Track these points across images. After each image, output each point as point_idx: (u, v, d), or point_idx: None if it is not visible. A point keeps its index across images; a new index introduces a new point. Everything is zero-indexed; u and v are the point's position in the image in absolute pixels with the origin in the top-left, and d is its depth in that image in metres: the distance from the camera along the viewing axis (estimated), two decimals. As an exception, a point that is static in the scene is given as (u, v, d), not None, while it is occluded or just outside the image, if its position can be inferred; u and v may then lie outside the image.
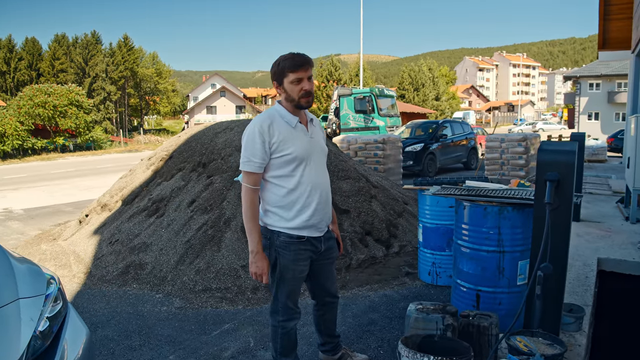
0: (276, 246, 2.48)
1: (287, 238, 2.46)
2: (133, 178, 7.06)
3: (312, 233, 2.51)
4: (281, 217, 2.46)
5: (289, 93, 2.43)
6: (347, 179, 5.56)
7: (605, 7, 12.32)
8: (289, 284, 2.52)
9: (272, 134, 2.38)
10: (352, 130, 18.31)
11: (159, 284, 4.81)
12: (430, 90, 54.02)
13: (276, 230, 2.47)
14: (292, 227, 2.45)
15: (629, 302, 4.67)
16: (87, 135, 32.94)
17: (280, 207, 2.46)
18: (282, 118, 2.45)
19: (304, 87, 2.40)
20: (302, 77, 2.39)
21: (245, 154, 2.41)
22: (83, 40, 59.67)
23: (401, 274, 4.70)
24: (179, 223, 5.49)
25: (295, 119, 2.46)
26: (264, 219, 2.51)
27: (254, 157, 2.38)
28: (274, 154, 2.40)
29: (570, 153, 2.43)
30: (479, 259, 3.07)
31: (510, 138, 10.93)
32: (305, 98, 2.42)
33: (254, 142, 2.38)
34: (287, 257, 2.47)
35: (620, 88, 35.75)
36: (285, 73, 2.40)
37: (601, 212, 6.68)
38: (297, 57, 2.41)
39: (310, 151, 2.47)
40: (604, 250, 4.88)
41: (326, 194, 2.57)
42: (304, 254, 2.51)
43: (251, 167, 2.39)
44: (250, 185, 2.42)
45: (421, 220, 4.40)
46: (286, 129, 2.43)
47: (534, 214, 2.57)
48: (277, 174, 2.44)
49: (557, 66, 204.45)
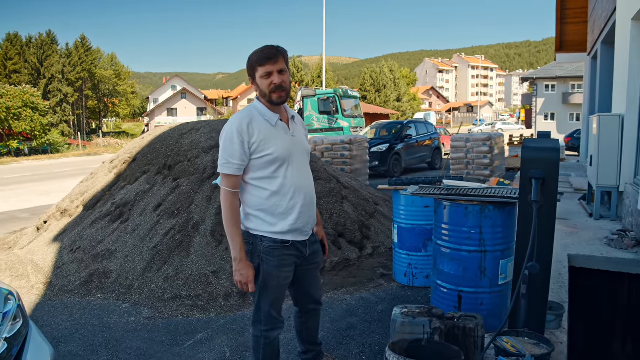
0: (259, 252, 2.33)
1: (271, 243, 2.32)
2: (95, 182, 6.77)
3: (297, 237, 2.38)
4: (264, 221, 2.32)
5: (261, 88, 2.29)
6: (317, 180, 5.46)
7: (562, 11, 12.70)
8: (273, 291, 2.37)
9: (252, 133, 2.24)
10: (316, 131, 18.23)
11: (125, 292, 4.60)
12: (391, 91, 54.61)
13: (259, 235, 2.33)
14: (276, 231, 2.31)
15: (598, 297, 4.76)
16: (43, 138, 31.74)
17: (262, 211, 2.32)
18: (262, 116, 2.31)
19: (274, 81, 2.25)
20: (271, 70, 2.25)
21: (223, 155, 2.26)
22: (38, 40, 57.77)
23: (376, 275, 4.63)
24: (145, 228, 5.28)
25: (275, 116, 2.32)
26: (246, 223, 2.36)
27: (232, 158, 2.24)
28: (253, 154, 2.26)
29: (554, 150, 2.41)
30: (460, 260, 3.02)
31: (475, 138, 11.07)
32: (276, 93, 2.28)
33: (232, 142, 2.23)
34: (271, 263, 2.33)
35: (574, 89, 37.01)
36: (255, 67, 2.27)
37: (566, 209, 6.80)
38: (266, 49, 2.27)
39: (292, 151, 2.33)
40: (573, 247, 4.95)
41: (310, 195, 2.44)
42: (289, 259, 2.37)
43: (230, 169, 2.25)
44: (230, 189, 2.27)
45: (396, 220, 4.34)
46: (266, 127, 2.29)
47: (519, 213, 2.54)
48: (258, 176, 2.30)
49: (513, 68, 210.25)
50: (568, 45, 14.18)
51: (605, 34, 8.40)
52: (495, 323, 2.98)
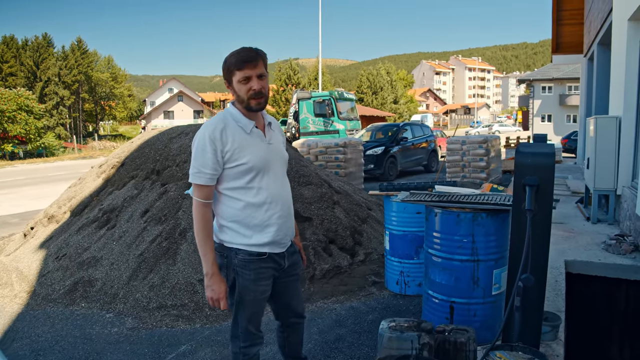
0: (234, 265, 2.20)
1: (246, 256, 2.19)
2: (83, 187, 6.63)
3: (274, 249, 2.25)
4: (238, 232, 2.20)
5: (238, 93, 2.15)
6: (308, 184, 5.33)
7: (558, 12, 12.64)
8: (250, 306, 2.25)
9: (225, 142, 2.12)
10: (312, 134, 18.10)
11: (110, 302, 4.47)
12: (388, 93, 54.53)
13: (234, 248, 2.20)
14: (251, 243, 2.20)
15: (596, 304, 4.64)
16: (38, 141, 31.55)
17: (236, 222, 2.20)
18: (236, 122, 2.18)
19: (253, 87, 2.12)
20: (250, 75, 2.11)
21: (195, 164, 2.13)
22: (34, 42, 57.65)
23: (368, 283, 4.50)
24: (132, 235, 5.15)
25: (250, 123, 2.19)
26: (219, 235, 2.23)
27: (204, 167, 2.11)
28: (227, 163, 2.14)
29: (549, 155, 2.29)
30: (452, 269, 2.90)
31: (471, 140, 10.96)
32: (255, 99, 2.14)
33: (204, 151, 2.11)
34: (247, 277, 2.20)
35: (570, 91, 36.98)
36: (232, 71, 2.13)
37: (563, 212, 6.70)
38: (244, 52, 2.13)
39: (268, 159, 2.21)
40: (570, 252, 4.84)
41: (288, 206, 2.34)
42: (266, 272, 2.25)
43: (202, 180, 2.12)
44: (202, 199, 2.14)
45: (388, 227, 4.21)
46: (241, 135, 2.16)
47: (512, 221, 2.42)
48: (232, 186, 2.18)
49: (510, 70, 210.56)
50: (564, 46, 14.10)
51: (601, 35, 8.31)
52: (489, 335, 2.86)
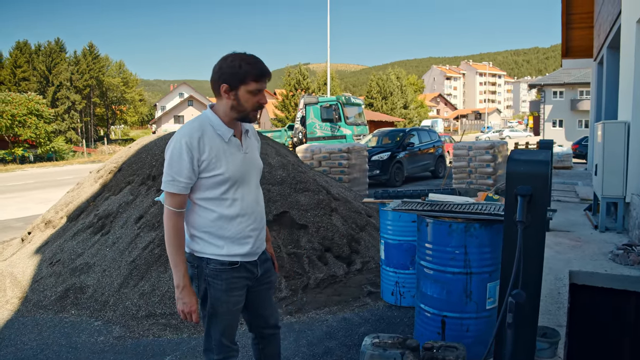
0: (205, 275, 2.11)
1: (218, 265, 2.10)
2: (80, 192, 6.57)
3: (246, 258, 2.17)
4: (210, 242, 2.11)
5: (242, 102, 2.05)
6: (305, 191, 5.21)
7: (568, 16, 12.46)
8: (223, 318, 2.15)
9: (202, 150, 2.02)
10: (319, 139, 18.00)
11: (100, 309, 4.38)
12: (398, 98, 54.27)
13: (205, 257, 2.11)
14: (223, 253, 2.11)
15: (601, 317, 4.47)
16: (48, 145, 31.74)
17: (208, 233, 2.11)
18: (215, 129, 2.07)
19: (261, 101, 2.08)
20: (262, 88, 2.07)
21: (169, 171, 2.02)
22: (46, 47, 58.21)
23: (363, 293, 4.36)
24: (125, 241, 5.06)
25: (229, 131, 2.10)
26: (191, 245, 2.14)
27: (179, 176, 2.00)
28: (202, 173, 2.04)
29: (543, 163, 2.15)
30: (444, 282, 2.76)
31: (477, 146, 10.77)
32: (256, 112, 2.11)
33: (180, 158, 2.00)
34: (218, 288, 2.11)
35: (582, 96, 36.60)
36: (247, 80, 2.02)
37: (570, 220, 6.53)
38: (260, 64, 2.05)
39: (243, 170, 2.13)
40: (576, 262, 4.67)
41: (261, 217, 2.25)
42: (239, 282, 2.15)
43: (176, 188, 2.02)
44: (175, 208, 2.03)
45: (383, 236, 4.07)
46: (218, 143, 2.07)
47: (504, 233, 2.28)
48: (205, 196, 2.09)
49: (521, 75, 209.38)
50: (574, 50, 13.91)
51: (610, 38, 8.13)
52: (484, 351, 2.71)
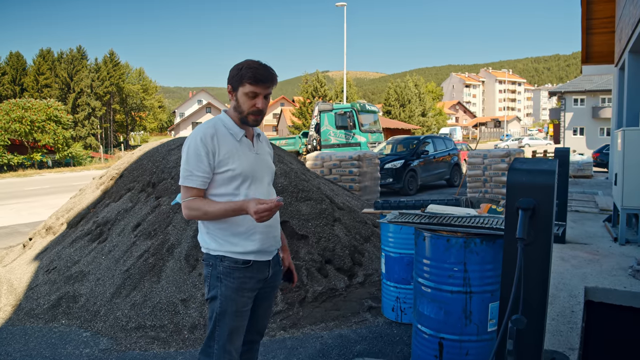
0: (219, 273, 2.13)
1: (231, 263, 2.12)
2: (82, 198, 6.47)
3: (259, 257, 2.18)
4: (225, 239, 2.13)
5: (240, 104, 2.13)
6: (307, 200, 5.00)
7: (588, 21, 12.11)
8: (231, 319, 2.11)
9: (216, 146, 2.09)
10: (333, 146, 17.81)
11: (91, 319, 4.23)
12: (416, 106, 53.82)
13: (219, 255, 2.13)
14: (237, 251, 2.13)
15: (619, 337, 4.18)
16: (66, 151, 32.10)
17: (222, 229, 2.13)
18: (227, 129, 2.16)
19: (257, 104, 2.12)
20: (259, 92, 2.11)
21: (186, 167, 2.09)
22: (68, 55, 59.19)
23: (363, 308, 4.12)
24: (121, 249, 4.92)
25: (241, 132, 2.17)
26: (206, 243, 2.17)
27: (197, 170, 2.07)
28: (216, 168, 2.10)
29: (549, 174, 1.92)
30: (442, 301, 2.53)
31: (493, 154, 10.47)
32: (254, 116, 2.14)
33: (197, 154, 2.07)
34: (230, 286, 2.11)
35: (604, 103, 35.87)
36: (243, 82, 2.10)
37: (588, 232, 6.24)
38: (262, 70, 2.11)
39: (255, 168, 2.18)
40: (592, 278, 4.39)
41: (274, 216, 2.22)
42: (250, 282, 2.15)
43: (193, 182, 2.07)
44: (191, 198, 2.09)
45: (384, 248, 3.84)
46: (231, 141, 2.14)
47: (504, 250, 2.05)
48: (219, 192, 2.12)
49: (542, 82, 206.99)
50: (595, 56, 13.53)
51: (632, 42, 7.81)
52: (485, 378, 2.48)
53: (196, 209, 2.06)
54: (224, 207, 2.04)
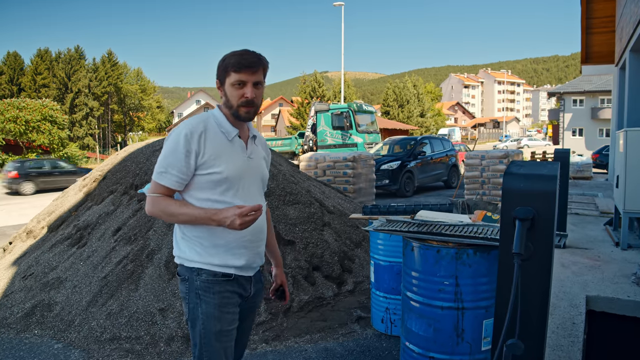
0: (196, 288, 1.88)
1: (210, 277, 1.89)
2: (64, 201, 6.24)
3: (241, 272, 1.95)
4: (202, 249, 1.90)
5: (229, 97, 1.92)
6: (295, 204, 4.76)
7: (588, 20, 11.92)
8: (218, 339, 1.88)
9: (202, 145, 1.86)
10: (330, 147, 17.59)
11: (65, 329, 4.01)
12: (415, 106, 53.61)
13: (195, 268, 1.89)
14: (215, 263, 1.89)
15: (623, 348, 3.96)
16: (62, 151, 31.79)
17: (200, 238, 1.90)
18: (219, 126, 1.93)
19: (246, 94, 1.88)
20: (245, 80, 1.88)
21: (162, 162, 1.86)
22: (66, 55, 58.98)
23: (351, 319, 3.88)
24: (100, 255, 4.69)
25: (234, 130, 1.94)
26: (180, 252, 1.94)
27: (172, 168, 1.84)
28: (200, 169, 1.87)
29: (549, 179, 1.69)
30: (432, 317, 2.30)
31: (491, 155, 10.26)
32: (245, 107, 1.90)
33: (176, 150, 1.84)
34: (211, 302, 1.87)
35: (603, 104, 35.71)
36: (229, 72, 1.89)
37: (589, 236, 6.02)
38: (246, 55, 1.90)
39: (244, 173, 1.95)
40: (594, 286, 4.17)
41: (260, 230, 2.02)
42: (232, 297, 1.92)
43: (167, 180, 1.84)
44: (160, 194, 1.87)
45: (373, 256, 3.61)
46: (221, 141, 1.91)
47: (499, 263, 1.83)
48: (201, 196, 1.89)
49: (541, 83, 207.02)
50: (594, 56, 13.32)
51: (634, 40, 7.60)
52: (478, 402, 2.26)
53: (161, 207, 1.85)
54: (194, 212, 1.82)
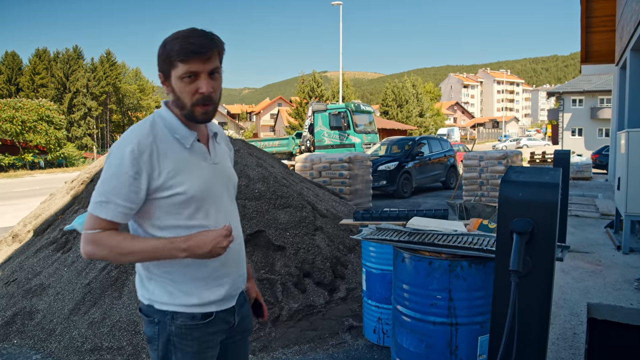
0: (170, 334, 1.52)
1: (187, 320, 1.52)
2: (51, 204, 6.08)
3: (223, 305, 1.59)
4: (175, 289, 1.52)
5: (179, 95, 1.48)
6: (286, 207, 4.60)
7: (587, 19, 11.79)
8: None
9: (156, 161, 1.44)
10: (327, 147, 17.44)
11: (45, 339, 3.85)
12: (414, 106, 53.49)
13: (169, 311, 1.52)
14: (193, 303, 1.52)
15: (623, 358, 3.81)
16: (58, 151, 31.67)
17: (171, 274, 1.52)
18: (172, 132, 1.51)
19: (201, 89, 1.45)
20: (197, 70, 1.44)
21: (102, 189, 1.43)
22: (64, 55, 58.93)
23: (342, 328, 3.72)
24: (84, 261, 4.53)
25: (192, 135, 1.53)
26: (148, 294, 1.55)
27: (116, 196, 1.41)
28: (157, 192, 1.46)
29: (552, 188, 1.53)
30: (423, 333, 2.15)
31: (489, 156, 10.10)
32: (202, 106, 1.48)
33: (120, 172, 1.41)
34: (188, 350, 1.53)
35: (602, 104, 35.62)
36: (174, 62, 1.44)
37: (589, 239, 5.88)
38: (193, 37, 1.45)
39: (213, 186, 1.56)
40: (595, 292, 4.02)
41: (239, 247, 1.66)
42: (214, 340, 1.58)
43: (109, 212, 1.42)
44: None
45: (365, 264, 3.45)
46: (177, 151, 1.50)
47: (495, 278, 1.67)
48: (165, 224, 1.50)
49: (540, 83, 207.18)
50: (594, 55, 13.19)
51: (635, 39, 7.47)
52: None
53: (109, 246, 1.42)
54: (154, 245, 1.43)
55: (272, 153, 18.20)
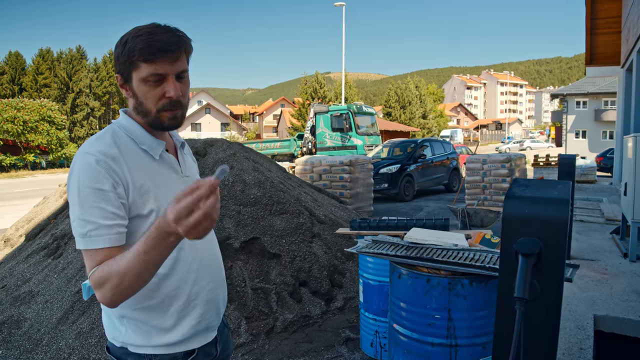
0: None
1: None
2: (44, 208, 5.96)
3: (205, 338, 1.42)
4: (151, 327, 1.33)
5: (142, 100, 1.28)
6: (282, 213, 4.46)
7: (592, 21, 11.64)
8: None
9: (128, 173, 1.25)
10: (329, 149, 17.30)
11: (32, 349, 3.72)
12: (417, 108, 53.31)
13: (146, 354, 1.33)
14: (173, 341, 1.35)
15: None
16: (60, 152, 31.62)
17: (148, 310, 1.32)
18: (137, 143, 1.32)
19: (168, 93, 1.26)
20: (164, 72, 1.26)
21: (83, 217, 1.19)
22: (68, 55, 59.01)
23: (339, 340, 3.57)
24: (75, 267, 4.41)
25: (159, 145, 1.35)
26: (120, 336, 1.34)
27: (104, 218, 1.18)
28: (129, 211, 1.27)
29: (561, 204, 1.39)
30: (421, 354, 2.01)
31: (492, 159, 9.94)
32: (169, 112, 1.29)
33: (93, 188, 1.19)
34: None
35: (607, 106, 35.41)
36: (135, 62, 1.25)
37: (594, 245, 5.73)
38: (158, 34, 1.26)
39: None
40: (601, 303, 3.88)
41: (219, 268, 1.49)
42: None
43: (103, 239, 1.18)
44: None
45: (362, 274, 3.31)
46: (145, 164, 1.31)
47: (497, 300, 1.53)
48: None
49: (544, 84, 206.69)
50: (599, 57, 13.03)
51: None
52: None
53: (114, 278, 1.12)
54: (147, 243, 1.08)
55: (273, 155, 18.14)
